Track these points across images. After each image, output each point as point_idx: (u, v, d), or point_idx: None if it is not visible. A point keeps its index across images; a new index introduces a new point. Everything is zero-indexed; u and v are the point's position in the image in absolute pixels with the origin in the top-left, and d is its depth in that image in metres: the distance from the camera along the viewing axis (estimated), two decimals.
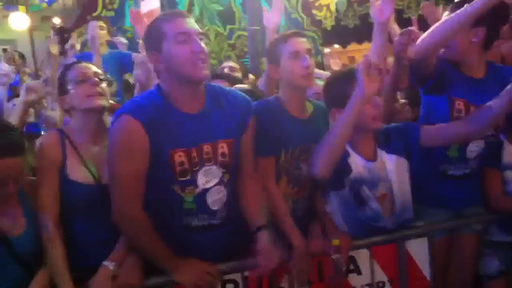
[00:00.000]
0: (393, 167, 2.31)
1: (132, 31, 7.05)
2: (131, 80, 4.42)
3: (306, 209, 2.44)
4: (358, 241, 2.30)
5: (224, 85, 2.66)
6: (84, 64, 2.26)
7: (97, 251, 2.06)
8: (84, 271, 2.01)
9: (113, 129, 1.98)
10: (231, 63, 4.42)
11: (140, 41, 3.14)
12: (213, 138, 2.03)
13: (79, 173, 2.09)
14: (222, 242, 2.12)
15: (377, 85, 2.02)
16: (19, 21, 8.31)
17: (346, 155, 2.25)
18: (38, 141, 2.19)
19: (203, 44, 1.97)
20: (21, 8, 8.48)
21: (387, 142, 2.34)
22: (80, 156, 2.12)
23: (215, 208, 2.07)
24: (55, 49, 3.58)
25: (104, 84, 2.20)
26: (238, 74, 4.00)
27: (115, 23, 6.73)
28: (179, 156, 1.97)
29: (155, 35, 1.98)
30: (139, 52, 3.46)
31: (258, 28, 5.03)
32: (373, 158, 2.31)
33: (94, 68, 2.23)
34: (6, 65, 5.91)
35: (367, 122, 2.21)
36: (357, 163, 2.27)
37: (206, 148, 2.01)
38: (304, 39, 2.35)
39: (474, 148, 2.54)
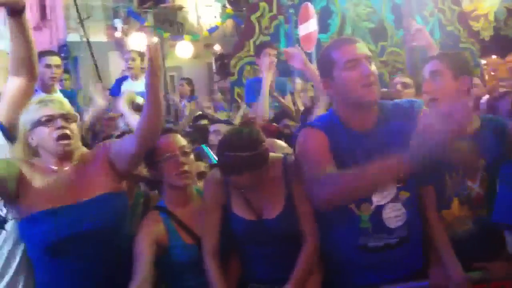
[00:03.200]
0: None
1: None
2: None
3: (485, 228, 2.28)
4: None
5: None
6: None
7: (268, 277, 2.18)
8: None
9: (299, 140, 2.09)
10: (404, 79, 4.00)
11: None
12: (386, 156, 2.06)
13: (242, 210, 2.18)
14: (397, 263, 2.08)
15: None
16: (184, 50, 9.14)
17: None
18: (204, 179, 2.38)
19: (373, 67, 2.01)
20: (186, 37, 9.28)
21: None
22: (242, 195, 2.18)
23: (392, 226, 2.06)
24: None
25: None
26: (411, 90, 3.74)
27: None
28: None
29: (325, 62, 2.07)
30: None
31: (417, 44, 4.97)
32: None
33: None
34: (174, 97, 6.55)
35: None
36: None
37: None
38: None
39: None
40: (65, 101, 2.21)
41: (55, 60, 4.16)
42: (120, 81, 5.56)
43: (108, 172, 2.13)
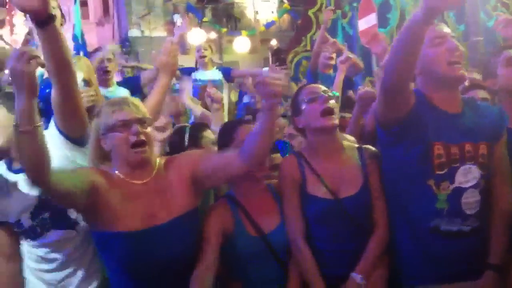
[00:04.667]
0: None
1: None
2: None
3: None
4: None
5: None
6: (313, 85, 2.35)
7: (335, 260, 2.15)
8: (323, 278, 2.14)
9: None
10: (474, 75, 4.03)
11: None
12: (474, 138, 2.00)
13: (317, 190, 2.19)
14: (470, 253, 1.98)
15: None
16: (241, 45, 9.21)
17: None
18: (280, 162, 2.43)
19: (457, 43, 1.99)
20: (243, 32, 9.36)
21: None
22: (317, 175, 2.21)
23: (468, 212, 1.97)
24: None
25: (333, 101, 2.25)
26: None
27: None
28: (438, 149, 1.98)
29: None
30: None
31: (481, 39, 4.84)
32: None
33: (324, 88, 2.29)
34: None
35: None
36: None
37: (468, 147, 1.99)
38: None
39: None
40: (140, 104, 2.08)
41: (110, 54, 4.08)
42: (189, 70, 5.69)
43: (189, 188, 2.02)
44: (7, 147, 2.07)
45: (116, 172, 1.96)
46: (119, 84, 4.17)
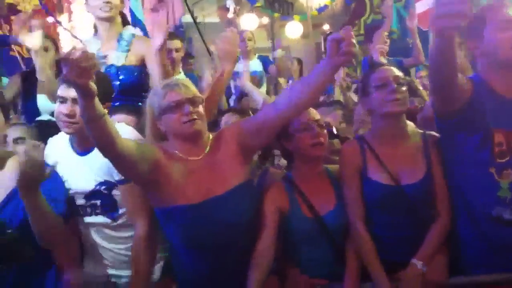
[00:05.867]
0: None
1: (397, 32, 7.13)
2: None
3: None
4: None
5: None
6: (386, 67, 2.33)
7: (394, 246, 2.19)
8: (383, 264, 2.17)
9: None
10: None
11: None
12: None
13: (378, 175, 2.21)
14: None
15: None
16: (293, 30, 9.18)
17: None
18: (341, 147, 2.44)
19: None
20: (295, 17, 9.31)
21: None
22: (379, 160, 2.22)
23: None
24: None
25: (404, 88, 2.23)
26: None
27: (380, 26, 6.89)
28: (498, 137, 1.97)
29: (476, 22, 2.03)
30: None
31: None
32: None
33: (397, 73, 2.27)
34: None
35: None
36: None
37: None
38: None
39: None
40: (191, 83, 2.20)
41: (175, 43, 4.19)
42: None
43: (240, 158, 2.13)
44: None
45: (175, 151, 2.10)
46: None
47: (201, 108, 2.13)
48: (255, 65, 5.52)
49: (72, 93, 2.12)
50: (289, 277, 2.23)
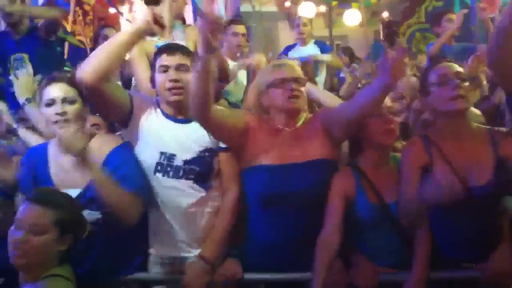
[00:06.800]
0: None
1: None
2: None
3: None
4: None
5: None
6: (445, 64, 2.24)
7: (456, 247, 2.17)
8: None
9: None
10: None
11: None
12: None
13: (444, 175, 2.12)
14: None
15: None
16: (352, 18, 9.03)
17: None
18: (407, 142, 2.42)
19: None
20: (354, 5, 9.18)
21: None
22: (446, 160, 2.14)
23: None
24: None
25: (466, 84, 2.15)
26: None
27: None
28: None
29: None
30: None
31: None
32: None
33: (457, 68, 2.19)
34: None
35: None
36: None
37: None
38: None
39: None
40: (297, 66, 2.43)
41: (241, 28, 4.32)
42: (289, 48, 5.77)
43: (325, 138, 2.31)
44: None
45: (271, 120, 2.35)
46: None
47: (303, 89, 2.33)
48: (313, 50, 5.51)
49: (174, 61, 2.37)
50: (354, 263, 2.24)
